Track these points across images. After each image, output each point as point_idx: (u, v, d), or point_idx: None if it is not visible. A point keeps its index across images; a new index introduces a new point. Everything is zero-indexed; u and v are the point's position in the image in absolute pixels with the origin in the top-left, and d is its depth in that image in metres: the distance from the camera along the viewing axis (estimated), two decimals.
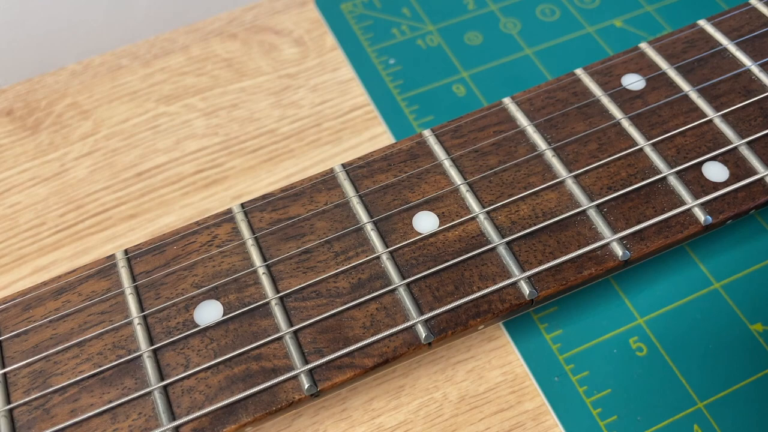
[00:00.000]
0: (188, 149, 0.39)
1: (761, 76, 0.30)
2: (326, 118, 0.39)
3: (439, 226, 0.27)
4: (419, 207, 0.27)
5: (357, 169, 0.29)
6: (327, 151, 0.37)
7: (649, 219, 0.27)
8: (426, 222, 0.27)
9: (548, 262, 0.26)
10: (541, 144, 0.29)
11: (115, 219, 0.36)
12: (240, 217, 0.27)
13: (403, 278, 0.26)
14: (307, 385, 0.24)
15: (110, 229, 0.35)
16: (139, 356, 0.24)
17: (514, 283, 0.26)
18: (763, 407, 0.29)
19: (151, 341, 0.25)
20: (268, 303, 0.25)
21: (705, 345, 0.30)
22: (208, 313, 0.25)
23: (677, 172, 0.28)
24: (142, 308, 0.25)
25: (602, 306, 0.32)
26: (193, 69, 0.42)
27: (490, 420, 0.29)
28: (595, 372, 0.30)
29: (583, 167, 0.28)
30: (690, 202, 0.27)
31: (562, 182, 0.28)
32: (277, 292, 0.25)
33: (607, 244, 0.26)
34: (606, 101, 0.30)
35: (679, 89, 0.30)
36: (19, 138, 0.40)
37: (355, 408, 0.30)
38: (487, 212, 0.27)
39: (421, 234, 0.27)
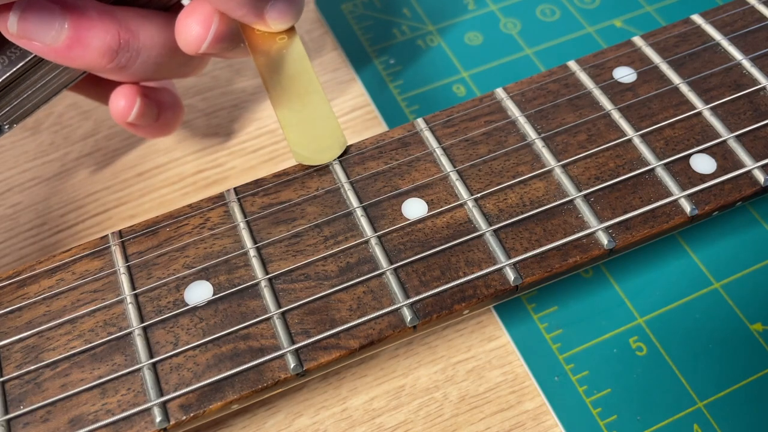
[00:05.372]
0: (188, 149, 0.39)
1: (752, 70, 0.30)
2: None
3: (428, 213, 0.27)
4: (409, 194, 0.28)
5: (349, 157, 0.29)
6: None
7: (636, 209, 0.27)
8: (415, 208, 0.27)
9: (534, 249, 0.26)
10: (531, 134, 0.29)
11: (116, 219, 0.37)
12: (232, 201, 0.28)
13: (391, 263, 0.26)
14: (293, 365, 0.24)
15: (111, 230, 0.36)
16: (130, 334, 0.25)
17: (500, 270, 0.26)
18: (763, 407, 0.29)
19: (142, 319, 0.25)
20: (257, 284, 0.26)
21: (705, 345, 0.30)
22: (199, 293, 0.26)
23: (665, 164, 0.28)
24: (133, 287, 0.26)
25: (602, 306, 0.32)
26: None
27: (491, 420, 0.30)
28: (595, 372, 0.30)
29: (572, 157, 0.28)
30: (677, 193, 0.27)
31: (550, 172, 0.28)
32: (267, 273, 0.26)
33: (593, 233, 0.26)
34: (597, 93, 0.30)
35: (669, 82, 0.30)
36: (20, 138, 0.40)
37: (355, 408, 0.30)
38: (476, 200, 0.27)
39: (409, 220, 0.27)
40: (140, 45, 0.29)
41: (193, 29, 0.29)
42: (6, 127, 0.30)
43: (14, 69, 0.28)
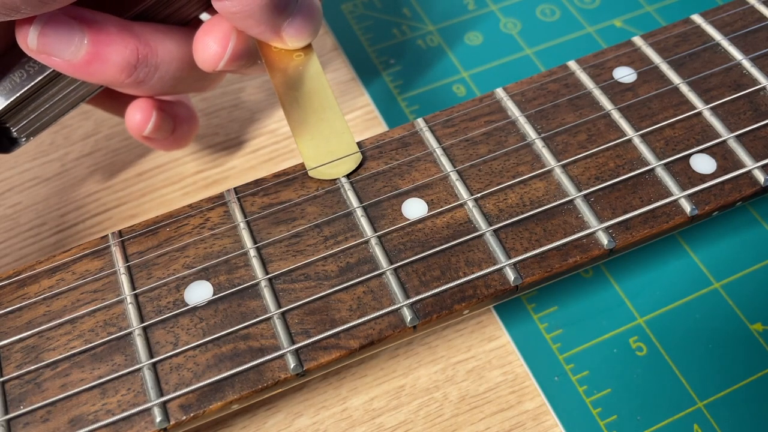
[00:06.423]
0: (189, 149, 0.39)
1: (752, 70, 0.30)
2: None
3: (428, 213, 0.27)
4: (409, 194, 0.28)
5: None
6: None
7: (636, 209, 0.27)
8: (415, 208, 0.27)
9: (534, 249, 0.26)
10: (531, 134, 0.29)
11: (116, 219, 0.37)
12: (232, 201, 0.28)
13: (391, 263, 0.26)
14: (293, 365, 0.24)
15: (111, 230, 0.36)
16: (130, 334, 0.25)
17: (500, 270, 0.26)
18: (763, 407, 0.29)
19: (142, 319, 0.25)
20: (257, 284, 0.26)
21: (705, 345, 0.30)
22: (199, 293, 0.26)
23: (665, 164, 0.28)
24: (133, 287, 0.26)
25: (602, 306, 0.32)
26: None
27: (490, 420, 0.30)
28: (595, 372, 0.30)
29: (572, 157, 0.28)
30: (677, 193, 0.27)
31: (550, 172, 0.28)
32: (267, 273, 0.26)
33: (593, 233, 0.26)
34: (597, 93, 0.30)
35: (669, 82, 0.30)
36: None
37: (355, 408, 0.30)
38: (476, 200, 0.27)
39: (409, 220, 0.27)
40: (158, 60, 0.29)
41: (210, 47, 0.29)
42: (23, 140, 0.30)
43: (33, 83, 0.28)
